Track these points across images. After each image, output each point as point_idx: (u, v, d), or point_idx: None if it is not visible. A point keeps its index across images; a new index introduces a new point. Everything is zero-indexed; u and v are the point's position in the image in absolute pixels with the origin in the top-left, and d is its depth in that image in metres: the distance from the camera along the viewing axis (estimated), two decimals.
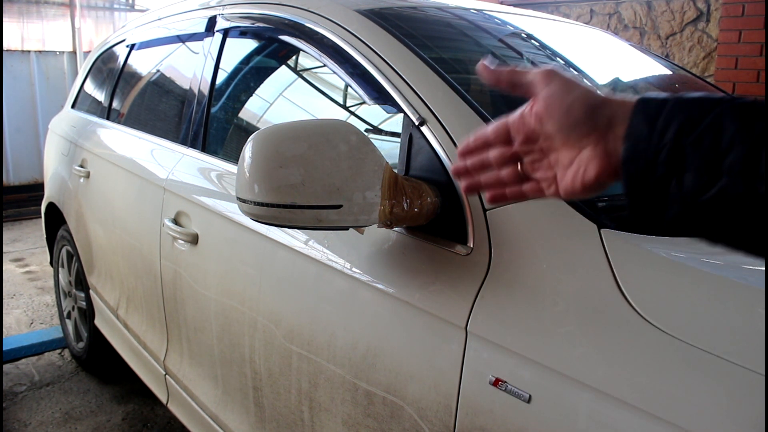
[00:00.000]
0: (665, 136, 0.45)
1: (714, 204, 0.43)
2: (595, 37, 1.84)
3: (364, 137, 0.92)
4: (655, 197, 0.46)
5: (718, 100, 0.45)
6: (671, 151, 0.44)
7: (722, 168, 0.42)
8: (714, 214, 0.43)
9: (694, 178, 0.43)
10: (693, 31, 3.89)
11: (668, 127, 0.45)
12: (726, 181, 0.42)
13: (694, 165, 0.43)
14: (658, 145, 0.45)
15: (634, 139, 0.47)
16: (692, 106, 0.45)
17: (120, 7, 6.52)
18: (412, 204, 0.93)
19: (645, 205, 0.47)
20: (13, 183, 5.88)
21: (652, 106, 0.47)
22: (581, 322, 0.77)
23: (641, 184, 0.47)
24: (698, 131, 0.43)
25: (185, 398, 1.66)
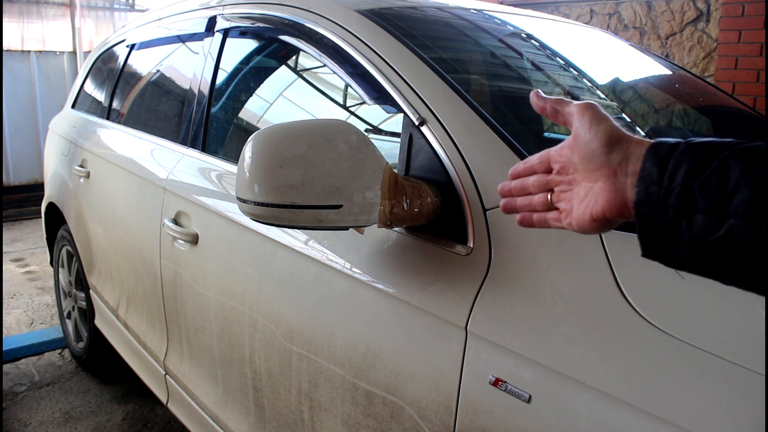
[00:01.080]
0: (675, 179, 0.47)
1: (723, 244, 0.44)
2: (595, 37, 1.84)
3: (364, 137, 0.92)
4: (666, 238, 0.48)
5: (725, 144, 0.46)
6: (680, 193, 0.46)
7: (729, 209, 0.44)
8: (723, 254, 0.45)
9: (703, 219, 0.45)
10: (693, 31, 3.89)
11: (678, 169, 0.47)
12: (733, 222, 0.43)
13: (702, 206, 0.45)
14: (669, 187, 0.47)
15: (646, 182, 0.49)
16: (700, 150, 0.47)
17: (120, 7, 6.52)
18: (412, 204, 0.93)
19: (657, 245, 0.50)
20: (13, 183, 5.88)
21: (664, 149, 0.49)
22: (581, 322, 0.77)
23: (653, 226, 0.49)
24: (706, 174, 0.45)
25: (185, 398, 1.66)
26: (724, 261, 0.45)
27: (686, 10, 3.88)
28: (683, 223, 0.46)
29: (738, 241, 0.43)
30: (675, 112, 1.68)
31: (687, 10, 3.88)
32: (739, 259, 0.44)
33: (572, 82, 1.53)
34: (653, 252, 0.51)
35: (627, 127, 0.57)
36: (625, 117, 1.46)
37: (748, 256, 0.43)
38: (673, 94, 1.73)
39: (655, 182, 0.48)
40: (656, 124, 1.57)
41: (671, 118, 1.62)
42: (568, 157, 0.56)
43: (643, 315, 0.73)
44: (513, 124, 1.27)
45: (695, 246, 0.46)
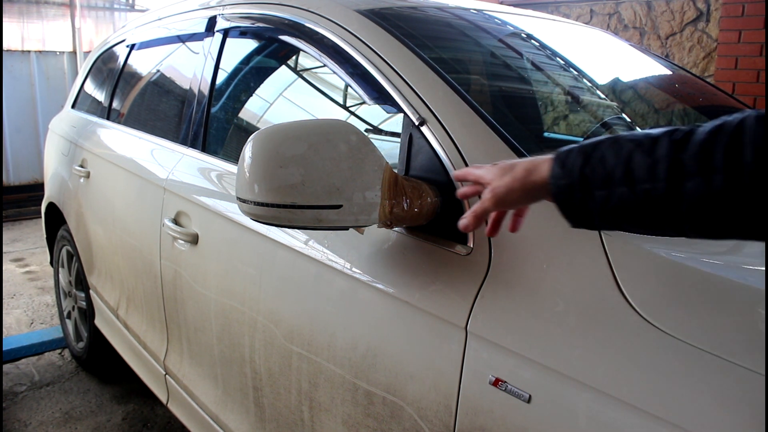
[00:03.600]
0: (573, 172, 0.66)
1: (617, 207, 0.62)
2: (595, 37, 1.84)
3: (364, 137, 0.92)
4: (581, 213, 0.67)
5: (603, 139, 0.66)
6: (578, 180, 0.65)
7: (613, 182, 0.62)
8: (620, 213, 0.63)
9: (599, 194, 0.63)
10: (693, 31, 3.89)
11: (574, 165, 0.66)
12: (617, 190, 0.62)
13: (596, 185, 0.63)
14: (570, 179, 0.66)
15: (555, 179, 0.67)
16: (587, 148, 0.66)
17: (120, 7, 6.52)
18: (412, 204, 0.93)
19: (577, 219, 0.68)
20: (13, 183, 5.88)
21: (563, 154, 0.68)
22: (581, 322, 0.77)
23: (570, 208, 0.67)
24: (591, 163, 0.64)
25: (185, 398, 1.66)
26: (622, 218, 0.63)
27: (686, 10, 3.88)
28: (588, 200, 0.64)
29: (625, 202, 0.61)
30: (675, 112, 1.68)
31: (687, 10, 3.88)
32: (630, 213, 0.62)
33: (572, 82, 1.53)
34: (577, 224, 0.68)
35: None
36: (625, 117, 1.46)
37: (634, 211, 0.61)
38: (673, 94, 1.73)
39: (561, 177, 0.66)
40: (656, 124, 1.57)
41: (671, 118, 1.63)
42: None
43: (643, 315, 0.73)
44: (513, 124, 1.27)
45: (601, 213, 0.64)
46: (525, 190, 0.72)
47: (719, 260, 0.87)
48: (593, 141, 0.66)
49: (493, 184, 0.75)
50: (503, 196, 0.74)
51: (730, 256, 0.91)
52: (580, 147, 0.66)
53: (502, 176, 0.74)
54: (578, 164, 0.65)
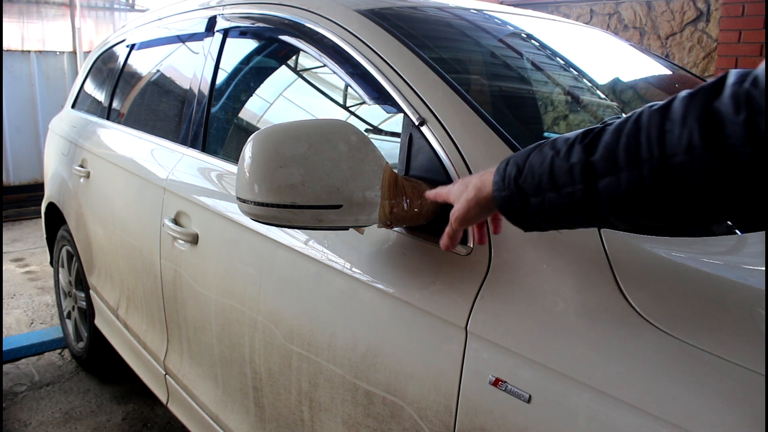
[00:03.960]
0: (510, 183, 0.72)
1: (551, 210, 0.68)
2: (595, 37, 1.84)
3: (364, 137, 0.92)
4: (525, 218, 0.73)
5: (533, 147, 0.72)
6: (515, 190, 0.71)
7: (543, 189, 0.68)
8: (555, 215, 0.69)
9: (534, 201, 0.69)
10: (693, 31, 3.89)
11: (510, 176, 0.72)
12: (547, 196, 0.68)
13: (530, 193, 0.69)
14: (509, 190, 0.72)
15: (497, 191, 0.74)
16: (518, 159, 0.72)
17: (120, 7, 6.52)
18: (412, 204, 0.93)
19: (525, 225, 0.74)
20: (13, 183, 5.88)
21: (501, 166, 0.74)
22: (581, 322, 0.77)
23: (514, 216, 0.73)
24: (523, 174, 0.70)
25: (185, 398, 1.66)
26: (559, 219, 0.69)
27: (686, 10, 3.89)
28: (527, 207, 0.70)
29: (556, 205, 0.67)
30: None
31: (687, 10, 3.88)
32: (563, 214, 0.68)
33: (572, 82, 1.53)
34: (527, 228, 0.74)
35: None
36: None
37: (566, 212, 0.67)
38: (673, 94, 1.73)
39: (502, 189, 0.73)
40: None
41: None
42: None
43: (643, 315, 0.73)
44: (513, 124, 1.27)
45: (541, 217, 0.70)
46: (479, 206, 0.78)
47: (719, 260, 0.87)
48: (526, 150, 0.72)
49: (455, 207, 0.82)
50: (464, 215, 0.80)
51: (730, 256, 0.91)
52: (515, 158, 0.73)
53: (459, 197, 0.81)
54: (513, 175, 0.71)
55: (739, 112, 0.54)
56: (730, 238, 0.94)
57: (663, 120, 0.59)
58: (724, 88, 0.57)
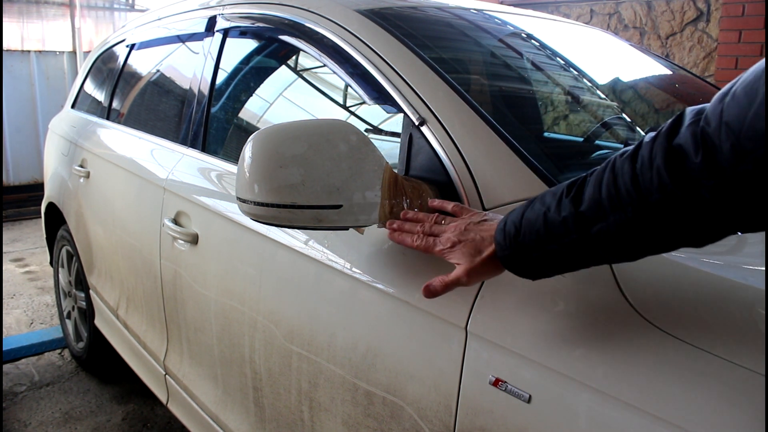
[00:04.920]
0: (511, 242, 0.77)
1: (553, 260, 0.74)
2: (595, 37, 1.84)
3: (364, 137, 0.92)
4: (532, 271, 0.77)
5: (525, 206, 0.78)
6: (516, 248, 0.76)
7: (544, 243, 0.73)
8: (559, 264, 0.74)
9: (536, 255, 0.75)
10: (693, 31, 3.89)
11: (509, 237, 0.77)
12: (549, 248, 0.73)
13: (532, 249, 0.75)
14: (510, 249, 0.77)
15: (500, 250, 0.79)
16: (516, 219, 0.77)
17: (120, 7, 6.52)
18: (412, 204, 0.93)
19: (532, 276, 0.78)
20: (13, 183, 5.88)
21: (500, 229, 0.79)
22: (581, 322, 0.77)
23: (520, 270, 0.78)
24: (522, 232, 0.75)
25: (185, 398, 1.66)
26: (563, 265, 0.75)
27: (686, 10, 3.89)
28: (530, 261, 0.76)
29: (557, 255, 0.73)
30: (675, 112, 1.68)
31: (687, 10, 3.88)
32: (566, 261, 0.74)
33: (572, 82, 1.53)
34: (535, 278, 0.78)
35: None
36: (626, 117, 1.46)
37: (568, 259, 0.73)
38: (673, 94, 1.73)
39: (504, 248, 0.78)
40: (656, 124, 1.57)
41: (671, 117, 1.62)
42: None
43: (643, 315, 0.73)
44: (513, 124, 1.27)
45: (546, 267, 0.76)
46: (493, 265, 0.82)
47: (719, 260, 0.87)
48: (519, 209, 0.79)
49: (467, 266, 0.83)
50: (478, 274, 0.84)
51: (730, 256, 0.91)
52: (511, 218, 0.79)
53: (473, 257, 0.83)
54: (512, 234, 0.77)
55: (698, 151, 0.60)
56: (730, 238, 0.94)
57: (633, 165, 0.66)
58: (681, 126, 0.63)
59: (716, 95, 0.62)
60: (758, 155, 0.56)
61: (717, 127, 0.59)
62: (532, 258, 0.75)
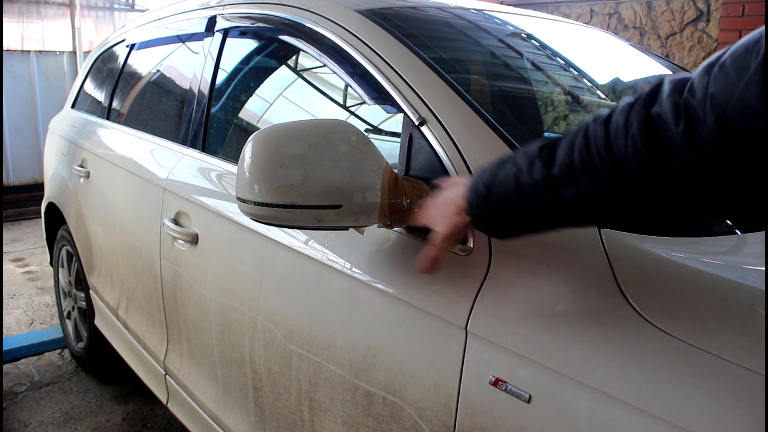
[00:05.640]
0: (482, 203, 0.78)
1: (524, 221, 0.75)
2: (595, 37, 1.84)
3: (364, 137, 0.92)
4: (501, 231, 0.79)
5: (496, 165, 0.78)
6: (488, 209, 0.77)
7: (514, 204, 0.74)
8: (529, 225, 0.76)
9: (507, 215, 0.76)
10: (693, 31, 3.89)
11: (480, 197, 0.78)
12: (519, 209, 0.74)
13: (503, 209, 0.76)
14: (482, 208, 0.78)
15: (471, 208, 0.80)
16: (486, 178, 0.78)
17: (120, 7, 6.53)
18: (412, 204, 0.93)
19: (500, 235, 0.81)
20: (13, 183, 5.88)
21: (472, 188, 0.80)
22: (581, 322, 0.77)
23: (490, 229, 0.80)
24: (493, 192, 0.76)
25: (185, 398, 1.66)
26: (531, 227, 0.77)
27: (686, 10, 3.89)
28: (501, 221, 0.77)
29: (527, 216, 0.74)
30: None
31: (687, 10, 3.88)
32: (535, 223, 0.75)
33: (572, 82, 1.53)
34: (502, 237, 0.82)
35: None
36: None
37: (537, 221, 0.74)
38: None
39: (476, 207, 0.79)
40: None
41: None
42: None
43: (643, 315, 0.73)
44: (513, 124, 1.27)
45: (515, 228, 0.77)
46: (462, 226, 0.84)
47: (719, 260, 0.87)
48: (489, 169, 0.79)
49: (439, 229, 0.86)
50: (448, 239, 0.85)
51: (730, 256, 0.91)
52: (482, 178, 0.79)
53: (440, 221, 0.85)
54: (484, 194, 0.77)
55: (679, 121, 0.59)
56: (730, 238, 0.94)
57: (607, 130, 0.65)
58: (660, 95, 0.62)
59: (702, 66, 0.61)
60: (745, 130, 0.55)
61: (702, 98, 0.58)
62: (503, 218, 0.76)
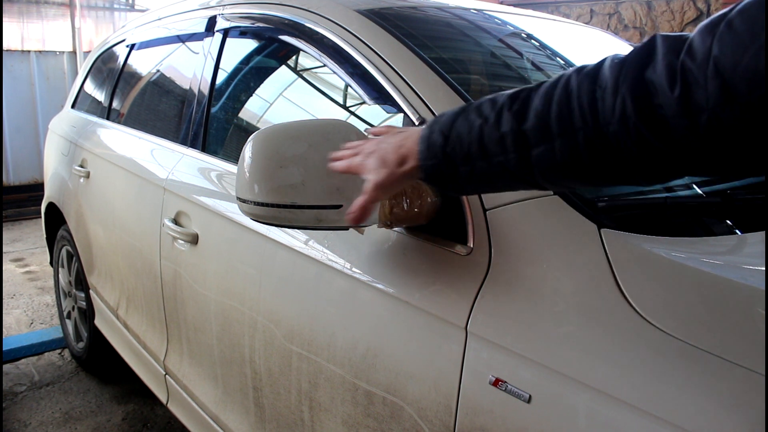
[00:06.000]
0: (437, 152, 0.70)
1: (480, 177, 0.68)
2: (595, 37, 1.84)
3: (364, 137, 0.92)
4: (451, 186, 0.72)
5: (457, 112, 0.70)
6: (442, 159, 0.70)
7: (473, 158, 0.67)
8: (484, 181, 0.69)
9: (463, 170, 0.69)
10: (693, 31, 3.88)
11: (436, 145, 0.70)
12: (476, 164, 0.67)
13: (459, 162, 0.69)
14: (436, 159, 0.70)
15: (423, 160, 0.72)
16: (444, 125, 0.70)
17: (120, 7, 6.53)
18: (412, 204, 0.93)
19: (449, 190, 0.76)
20: (13, 183, 5.88)
21: (426, 133, 0.73)
22: (581, 322, 0.77)
23: (440, 183, 0.74)
24: (450, 141, 0.69)
25: (185, 398, 1.66)
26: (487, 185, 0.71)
27: (686, 10, 3.89)
28: (454, 175, 0.70)
29: (486, 173, 0.67)
30: None
31: (687, 10, 3.88)
32: (493, 181, 0.69)
33: None
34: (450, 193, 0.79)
35: None
36: None
37: (496, 179, 0.68)
38: None
39: (428, 158, 0.71)
40: None
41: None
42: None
43: (643, 315, 0.73)
44: None
45: (468, 184, 0.71)
46: (403, 176, 0.76)
47: (719, 260, 0.87)
48: (449, 115, 0.70)
49: (374, 179, 0.77)
50: (383, 188, 0.78)
51: (730, 256, 0.91)
52: (439, 125, 0.71)
53: (378, 169, 0.76)
54: (439, 144, 0.69)
55: (674, 86, 0.53)
56: (730, 238, 0.94)
57: (593, 86, 0.58)
58: (655, 56, 0.55)
59: (702, 24, 0.54)
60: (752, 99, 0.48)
61: (703, 61, 0.51)
62: (457, 173, 0.69)
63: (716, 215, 0.99)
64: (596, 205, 0.90)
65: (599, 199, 0.92)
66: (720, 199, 1.01)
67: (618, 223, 0.85)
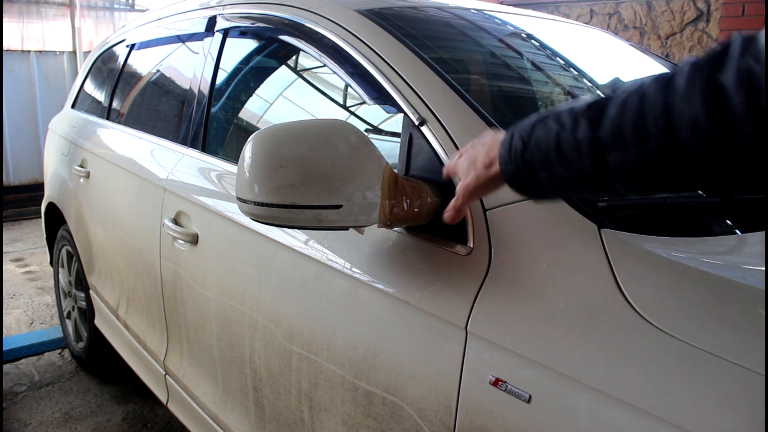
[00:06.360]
0: (517, 158, 0.72)
1: (559, 182, 0.69)
2: (595, 37, 1.84)
3: (364, 137, 0.92)
4: (533, 191, 0.74)
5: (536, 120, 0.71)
6: (522, 165, 0.71)
7: (552, 164, 0.68)
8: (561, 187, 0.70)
9: (543, 175, 0.70)
10: (693, 31, 3.89)
11: (516, 151, 0.72)
12: (556, 171, 0.68)
13: (538, 168, 0.70)
14: (516, 164, 0.72)
15: (504, 164, 0.74)
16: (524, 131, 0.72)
17: (120, 7, 6.53)
18: (412, 204, 0.93)
19: (532, 195, 0.76)
20: (13, 183, 5.88)
21: (507, 140, 0.74)
22: (581, 322, 0.77)
23: (522, 188, 0.75)
24: (530, 147, 0.70)
25: (185, 398, 1.66)
26: (568, 190, 0.72)
27: (686, 10, 3.89)
28: (535, 180, 0.71)
29: (565, 179, 0.68)
30: None
31: (687, 10, 3.88)
32: (573, 187, 0.69)
33: (572, 82, 1.53)
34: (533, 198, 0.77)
35: None
36: None
37: (576, 185, 0.68)
38: None
39: (508, 163, 0.73)
40: None
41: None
42: None
43: (643, 315, 0.73)
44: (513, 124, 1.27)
45: (549, 189, 0.72)
46: (489, 180, 0.79)
47: (719, 260, 0.87)
48: (529, 122, 0.73)
49: (463, 182, 0.82)
50: (473, 191, 0.81)
51: (730, 256, 0.91)
52: (519, 131, 0.73)
53: (468, 172, 0.81)
54: (519, 150, 0.71)
55: (740, 89, 0.52)
56: (730, 238, 0.94)
57: (666, 92, 0.58)
58: (729, 58, 0.53)
59: None
60: None
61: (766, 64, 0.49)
62: (537, 178, 0.70)
63: (716, 215, 0.99)
64: (596, 205, 0.90)
65: (599, 199, 0.92)
66: (720, 199, 1.01)
67: (618, 223, 0.85)
